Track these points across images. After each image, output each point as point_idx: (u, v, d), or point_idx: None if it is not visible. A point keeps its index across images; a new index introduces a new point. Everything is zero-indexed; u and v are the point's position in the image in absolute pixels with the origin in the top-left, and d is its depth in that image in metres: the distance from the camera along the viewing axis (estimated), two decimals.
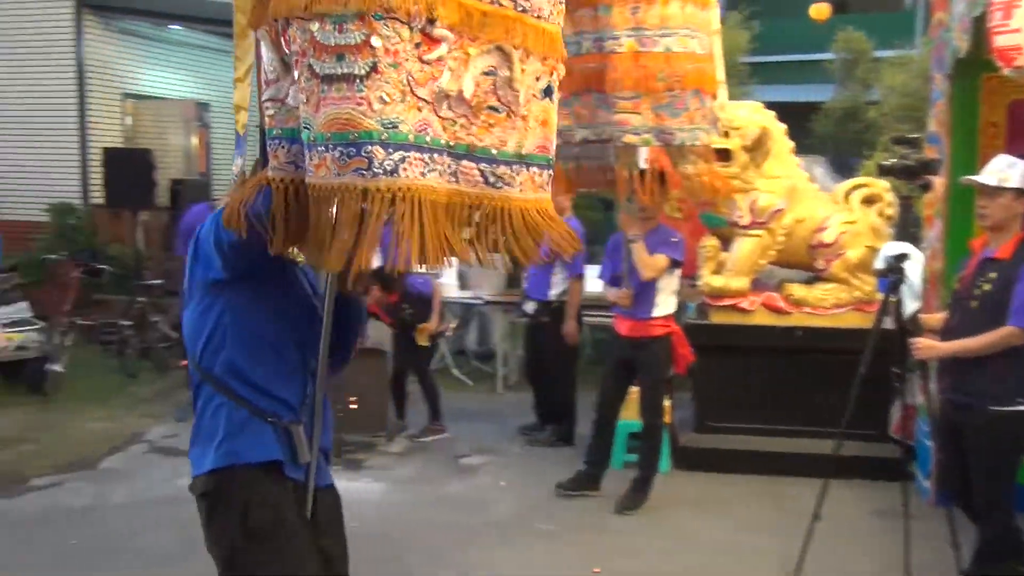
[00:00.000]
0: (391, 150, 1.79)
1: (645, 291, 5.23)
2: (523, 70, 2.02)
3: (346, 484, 5.63)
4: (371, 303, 5.89)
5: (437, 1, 1.83)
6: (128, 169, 9.57)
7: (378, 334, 6.88)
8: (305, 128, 1.88)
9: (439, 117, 1.89)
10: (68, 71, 11.04)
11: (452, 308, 8.13)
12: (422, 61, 1.85)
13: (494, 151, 2.00)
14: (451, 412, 6.83)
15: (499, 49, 1.97)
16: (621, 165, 4.20)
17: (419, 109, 1.85)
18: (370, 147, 1.78)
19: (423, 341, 6.49)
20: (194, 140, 12.26)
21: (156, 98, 12.10)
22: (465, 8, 1.89)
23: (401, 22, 1.80)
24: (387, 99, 1.80)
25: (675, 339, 5.36)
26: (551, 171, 2.15)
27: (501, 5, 1.97)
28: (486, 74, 1.97)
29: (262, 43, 2.08)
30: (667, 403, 5.71)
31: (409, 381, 6.76)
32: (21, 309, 7.80)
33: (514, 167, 2.04)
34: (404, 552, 4.70)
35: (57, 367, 7.58)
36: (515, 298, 7.62)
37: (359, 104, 1.79)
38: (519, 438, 6.70)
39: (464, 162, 1.95)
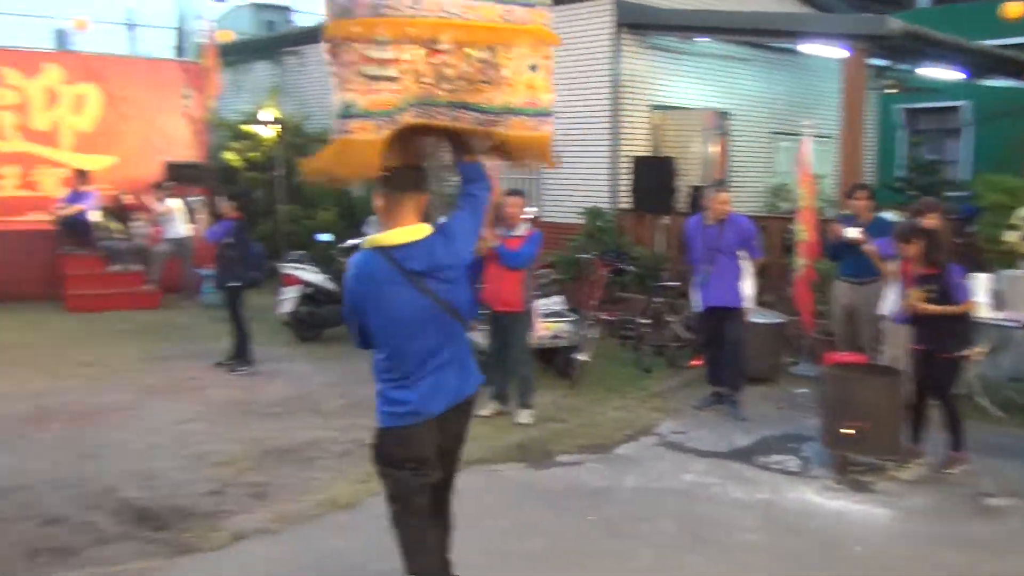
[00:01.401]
0: (407, 109, 3.26)
1: None
2: (509, 56, 3.40)
3: (850, 505, 5.48)
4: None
5: (440, 31, 3.25)
6: (653, 176, 10.21)
7: (893, 351, 6.52)
8: (347, 106, 3.19)
9: (439, 90, 3.31)
10: (605, 86, 12.11)
11: (985, 330, 7.36)
12: (429, 63, 3.27)
13: (484, 105, 3.39)
14: (974, 444, 6.21)
15: (488, 47, 3.36)
16: None
17: (424, 86, 3.28)
18: (398, 115, 3.24)
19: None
20: (713, 148, 12.65)
21: (679, 108, 12.73)
22: (465, 28, 3.30)
23: (416, 44, 3.22)
24: (408, 88, 3.23)
25: None
26: (542, 117, 3.53)
27: (492, 22, 3.36)
28: (480, 61, 3.34)
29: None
30: None
31: (929, 405, 6.28)
32: (558, 302, 8.74)
33: (502, 115, 3.42)
34: None
35: (584, 357, 8.34)
36: None
37: (395, 93, 3.21)
38: None
39: (459, 111, 3.37)
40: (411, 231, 3.44)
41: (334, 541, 4.75)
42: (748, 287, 7.41)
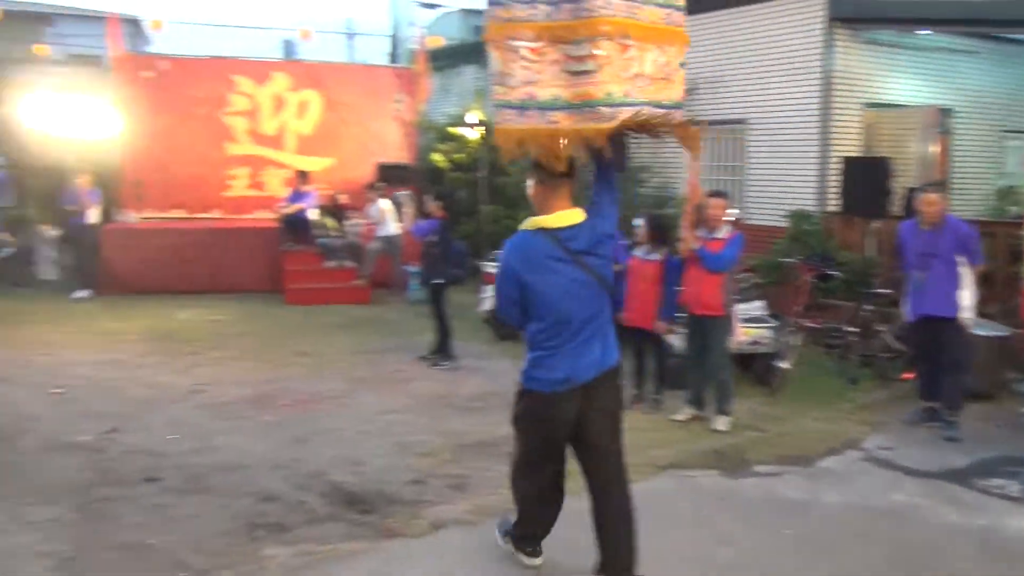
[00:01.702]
0: (611, 108, 3.65)
1: None
2: (669, 55, 3.86)
3: None
4: None
5: (629, 28, 3.66)
6: (864, 177, 9.71)
7: None
8: (554, 98, 3.70)
9: (636, 87, 3.74)
10: (815, 83, 11.65)
11: None
12: (623, 58, 3.67)
13: (665, 102, 3.88)
14: None
15: (658, 47, 3.81)
16: None
17: (623, 83, 3.68)
18: (600, 107, 3.65)
19: None
20: (933, 148, 11.89)
21: (896, 106, 12.05)
22: (642, 28, 3.72)
23: (610, 40, 3.61)
24: (606, 81, 3.63)
25: None
26: (681, 111, 3.98)
27: (657, 22, 3.80)
28: (655, 60, 3.79)
29: (494, 48, 3.82)
30: None
31: None
32: (758, 307, 8.50)
33: (671, 109, 3.91)
34: None
35: (784, 364, 8.07)
36: None
37: (597, 86, 3.62)
38: None
39: (648, 108, 3.78)
40: (570, 214, 3.93)
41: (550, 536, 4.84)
42: (967, 296, 6.91)
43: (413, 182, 14.67)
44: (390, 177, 14.64)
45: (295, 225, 13.77)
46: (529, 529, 4.42)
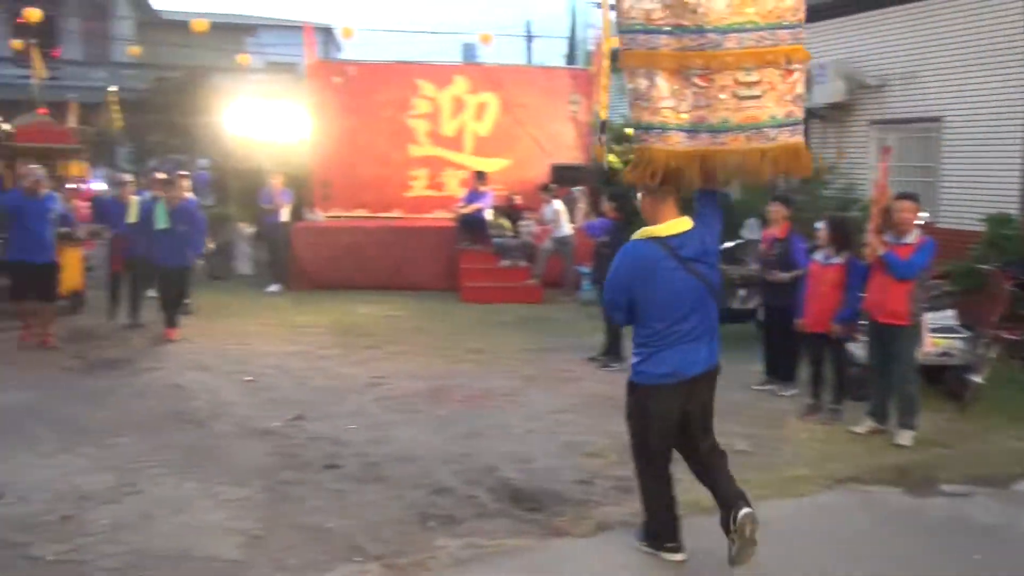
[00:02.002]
0: (774, 130, 4.11)
1: None
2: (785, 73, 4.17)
3: None
4: None
5: (793, 54, 4.08)
6: None
7: None
8: (724, 121, 4.07)
9: (796, 107, 4.16)
10: (1016, 81, 10.84)
11: None
12: (785, 82, 4.12)
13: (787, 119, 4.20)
14: None
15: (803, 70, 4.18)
16: None
17: (786, 104, 4.14)
18: (765, 129, 4.10)
19: None
20: None
21: None
22: (801, 53, 4.13)
23: (775, 68, 4.07)
24: (771, 105, 4.09)
25: None
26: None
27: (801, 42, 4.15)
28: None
29: (656, 76, 4.12)
30: None
31: None
32: (948, 316, 8.00)
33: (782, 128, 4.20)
34: None
35: (977, 378, 7.56)
36: None
37: (761, 109, 4.08)
38: None
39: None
40: (679, 223, 4.32)
41: (694, 543, 4.76)
42: None
43: (587, 183, 14.71)
44: (564, 178, 14.74)
45: (471, 225, 14.10)
46: (661, 524, 4.58)
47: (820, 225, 7.46)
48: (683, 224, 4.31)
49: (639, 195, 4.42)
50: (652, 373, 4.34)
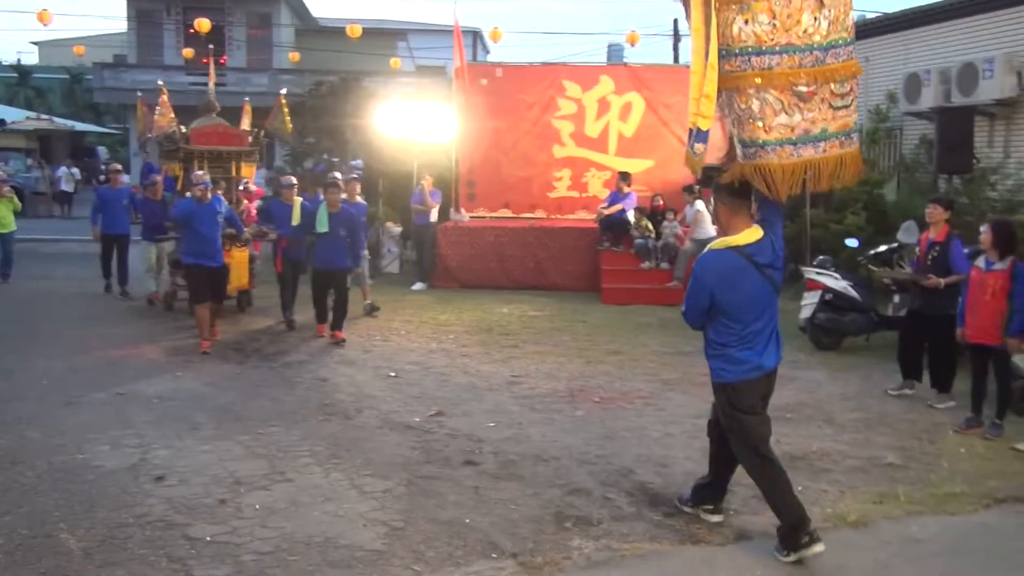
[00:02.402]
0: (856, 135, 4.65)
1: None
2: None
3: None
4: None
5: (858, 67, 4.57)
6: None
7: None
8: (823, 131, 4.48)
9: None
10: None
11: None
12: (856, 92, 4.64)
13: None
14: None
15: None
16: None
17: (856, 113, 4.67)
18: (853, 134, 4.60)
19: None
20: None
21: None
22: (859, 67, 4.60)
23: (857, 78, 4.58)
24: (855, 113, 4.60)
25: None
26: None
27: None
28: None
29: (767, 94, 4.47)
30: None
31: None
32: None
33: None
34: None
35: None
36: None
37: (849, 115, 4.55)
38: None
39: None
40: (752, 231, 4.69)
41: (838, 557, 4.59)
42: None
43: None
44: (710, 179, 14.43)
45: (614, 226, 14.05)
46: (793, 517, 4.61)
47: (984, 228, 7.04)
48: (756, 232, 4.70)
49: (716, 205, 4.95)
50: (736, 370, 4.74)
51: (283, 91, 13.35)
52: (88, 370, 8.53)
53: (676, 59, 26.64)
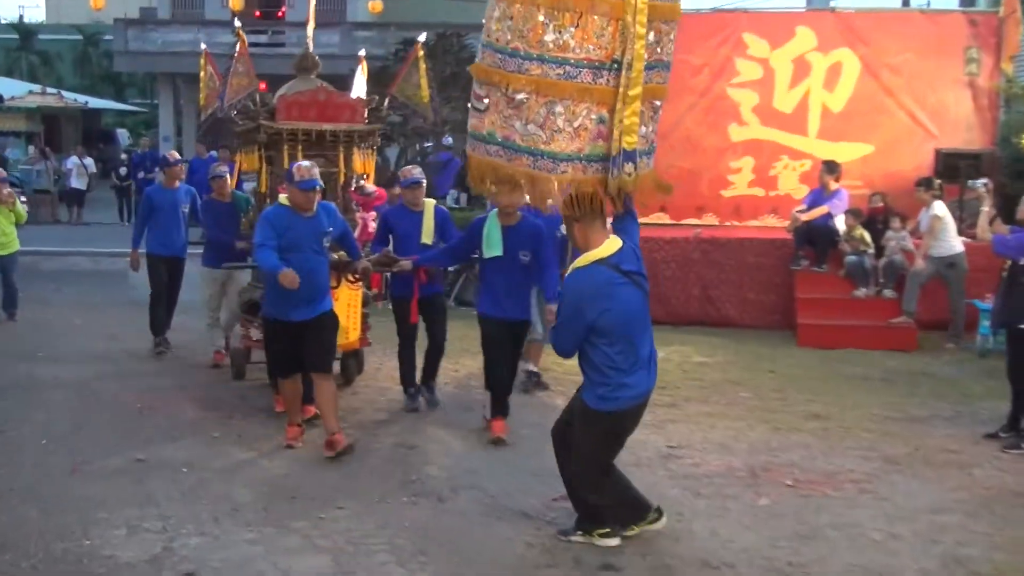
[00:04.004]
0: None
1: None
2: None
3: None
4: None
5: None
6: None
7: None
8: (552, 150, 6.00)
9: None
10: None
11: None
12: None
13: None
14: None
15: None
16: None
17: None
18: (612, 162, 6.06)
19: None
20: None
21: None
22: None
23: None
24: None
25: None
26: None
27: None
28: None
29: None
30: None
31: None
32: None
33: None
34: None
35: None
36: None
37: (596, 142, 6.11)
38: None
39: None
40: (613, 242, 6.03)
41: None
42: None
43: (993, 176, 13.96)
44: (955, 170, 14.09)
45: (815, 237, 13.83)
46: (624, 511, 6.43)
47: None
48: (616, 242, 6.05)
49: (567, 225, 6.24)
50: (624, 397, 6.04)
51: (361, 52, 12.96)
52: (99, 427, 8.89)
53: (906, 0, 26.11)
